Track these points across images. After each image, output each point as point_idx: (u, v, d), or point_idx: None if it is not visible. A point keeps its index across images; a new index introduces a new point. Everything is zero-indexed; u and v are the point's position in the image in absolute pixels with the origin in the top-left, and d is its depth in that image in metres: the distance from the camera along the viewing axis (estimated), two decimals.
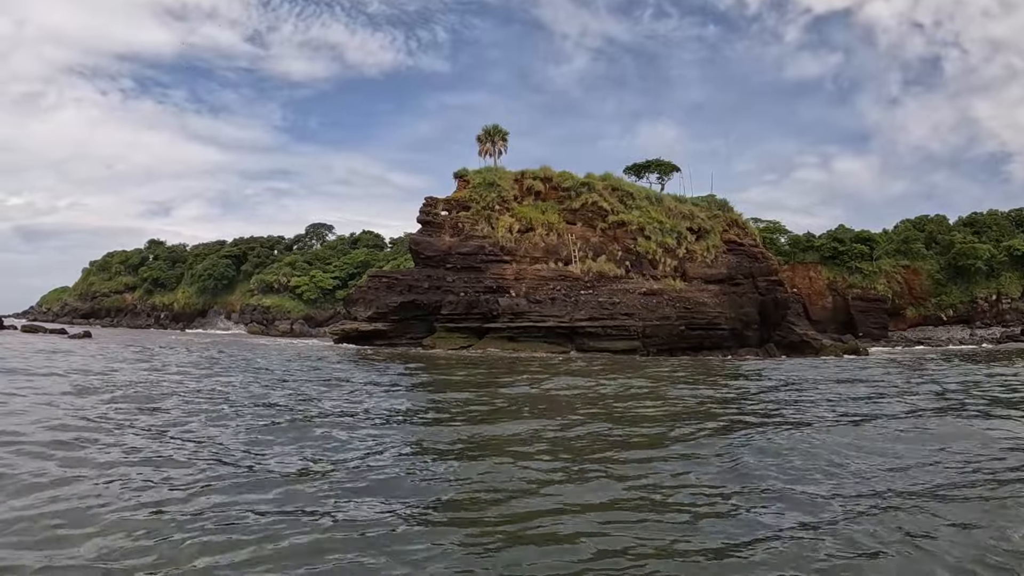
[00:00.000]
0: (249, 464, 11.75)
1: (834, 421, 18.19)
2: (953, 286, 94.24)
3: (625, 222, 63.99)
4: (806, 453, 13.46)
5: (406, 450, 13.63)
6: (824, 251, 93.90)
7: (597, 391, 24.61)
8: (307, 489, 10.20)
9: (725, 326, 62.66)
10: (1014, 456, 13.42)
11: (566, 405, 21.18)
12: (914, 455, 13.48)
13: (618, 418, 18.20)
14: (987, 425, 17.63)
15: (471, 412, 19.01)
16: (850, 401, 22.83)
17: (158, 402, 19.01)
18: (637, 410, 19.82)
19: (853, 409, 20.60)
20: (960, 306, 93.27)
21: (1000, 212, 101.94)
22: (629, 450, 13.80)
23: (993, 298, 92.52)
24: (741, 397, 24.41)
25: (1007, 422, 18.16)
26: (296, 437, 14.39)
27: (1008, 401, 22.86)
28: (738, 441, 14.88)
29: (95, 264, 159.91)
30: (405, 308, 57.98)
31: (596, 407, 20.22)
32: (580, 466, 12.08)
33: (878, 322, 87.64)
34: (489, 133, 70.59)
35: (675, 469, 11.96)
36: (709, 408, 20.86)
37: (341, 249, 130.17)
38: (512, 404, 20.87)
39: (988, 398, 23.71)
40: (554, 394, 24.20)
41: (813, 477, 11.49)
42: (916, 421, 18.20)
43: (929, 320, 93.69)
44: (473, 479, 11.16)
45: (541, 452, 13.35)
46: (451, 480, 11.16)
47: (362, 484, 10.62)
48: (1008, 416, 19.21)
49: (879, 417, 18.90)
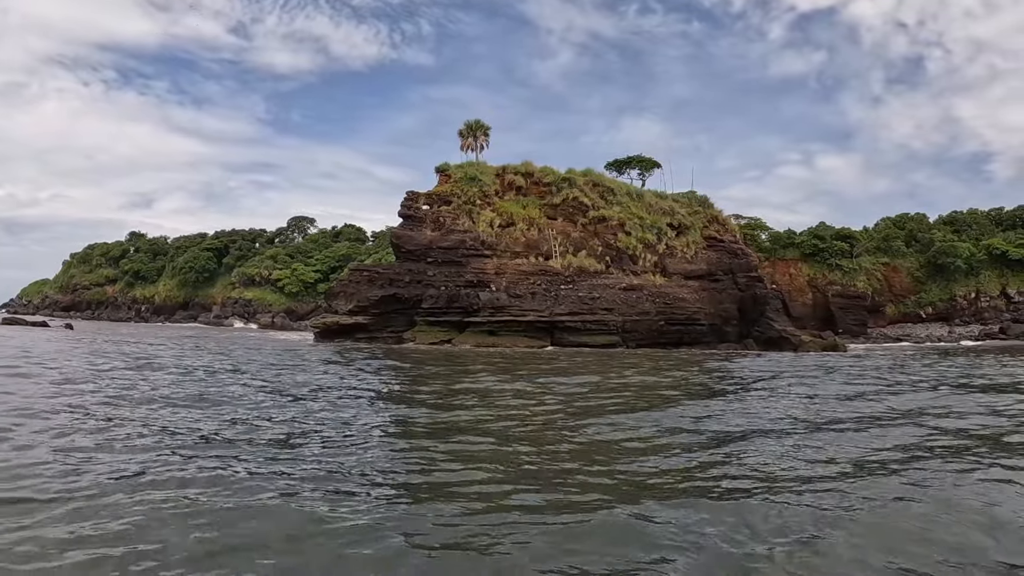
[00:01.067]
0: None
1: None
2: (933, 284, 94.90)
3: (606, 217, 64.20)
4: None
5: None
6: (805, 248, 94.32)
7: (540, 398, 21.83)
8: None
9: (704, 321, 62.94)
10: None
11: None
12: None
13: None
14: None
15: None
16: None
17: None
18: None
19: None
20: (940, 304, 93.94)
21: (980, 211, 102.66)
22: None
23: (972, 296, 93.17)
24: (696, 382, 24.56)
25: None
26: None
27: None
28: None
29: (76, 256, 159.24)
30: (386, 302, 57.92)
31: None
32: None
33: (858, 319, 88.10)
34: (471, 128, 70.58)
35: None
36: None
37: (323, 242, 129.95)
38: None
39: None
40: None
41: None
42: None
43: (909, 317, 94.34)
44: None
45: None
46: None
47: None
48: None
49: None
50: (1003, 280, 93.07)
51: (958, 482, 10.52)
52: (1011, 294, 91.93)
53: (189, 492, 9.05)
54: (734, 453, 12.57)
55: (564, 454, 12.41)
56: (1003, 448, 13.53)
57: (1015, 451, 13.16)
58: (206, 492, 9.12)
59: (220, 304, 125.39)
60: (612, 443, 13.49)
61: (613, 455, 12.35)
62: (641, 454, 12.41)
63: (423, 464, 11.33)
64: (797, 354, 53.54)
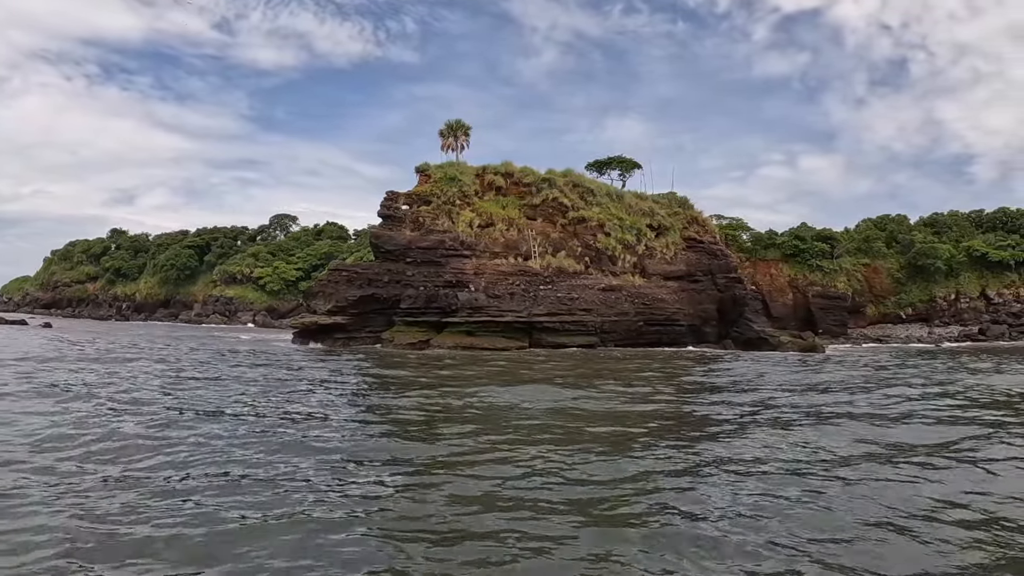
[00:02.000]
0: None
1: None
2: (913, 285, 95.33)
3: (586, 218, 64.23)
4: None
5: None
6: (786, 248, 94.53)
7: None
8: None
9: (683, 322, 63.11)
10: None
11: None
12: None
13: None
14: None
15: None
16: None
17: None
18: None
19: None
20: (919, 304, 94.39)
21: (960, 213, 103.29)
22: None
23: (952, 297, 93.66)
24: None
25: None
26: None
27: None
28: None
29: (57, 253, 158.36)
30: (365, 302, 57.72)
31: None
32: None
33: (838, 319, 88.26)
34: (451, 128, 70.39)
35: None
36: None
37: (305, 240, 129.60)
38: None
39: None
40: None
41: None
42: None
43: (889, 318, 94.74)
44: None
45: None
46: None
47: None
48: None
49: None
50: (983, 282, 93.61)
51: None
52: (990, 295, 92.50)
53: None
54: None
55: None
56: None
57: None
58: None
59: (201, 302, 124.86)
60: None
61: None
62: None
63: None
64: (777, 353, 53.93)
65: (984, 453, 14.87)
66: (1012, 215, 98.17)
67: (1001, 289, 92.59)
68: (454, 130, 70.28)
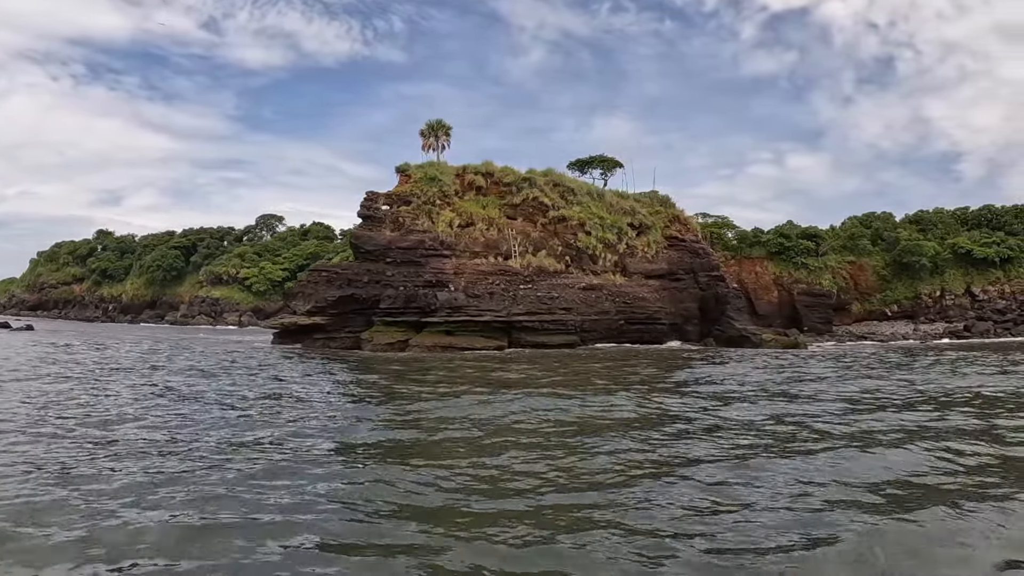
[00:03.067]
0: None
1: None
2: (898, 282, 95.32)
3: (566, 217, 64.06)
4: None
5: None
6: (771, 246, 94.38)
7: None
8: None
9: (665, 320, 63.09)
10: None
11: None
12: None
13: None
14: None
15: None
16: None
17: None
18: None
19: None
20: (905, 302, 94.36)
21: (946, 210, 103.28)
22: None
23: (937, 294, 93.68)
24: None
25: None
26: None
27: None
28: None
29: (43, 255, 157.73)
30: (344, 302, 57.48)
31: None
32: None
33: (823, 317, 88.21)
34: (432, 127, 70.07)
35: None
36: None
37: (291, 240, 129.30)
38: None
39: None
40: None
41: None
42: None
43: (874, 315, 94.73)
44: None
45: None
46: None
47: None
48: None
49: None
50: (968, 279, 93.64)
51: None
52: (975, 292, 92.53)
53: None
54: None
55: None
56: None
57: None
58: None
59: (187, 303, 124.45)
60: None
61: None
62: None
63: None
64: (757, 350, 54.04)
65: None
66: (997, 212, 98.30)
67: (986, 286, 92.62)
68: (435, 130, 70.01)
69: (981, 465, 14.12)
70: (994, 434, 17.79)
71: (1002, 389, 27.64)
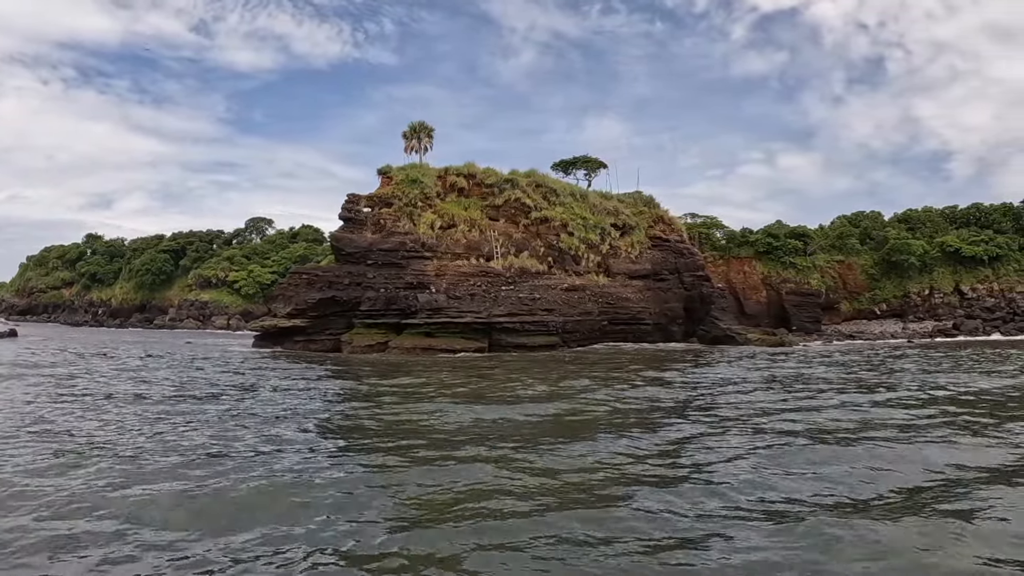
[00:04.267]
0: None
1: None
2: (887, 281, 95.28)
3: (548, 218, 63.74)
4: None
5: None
6: (759, 246, 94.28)
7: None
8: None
9: (649, 321, 62.87)
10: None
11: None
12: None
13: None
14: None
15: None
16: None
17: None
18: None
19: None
20: (894, 300, 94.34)
21: (935, 209, 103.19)
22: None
23: (926, 293, 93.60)
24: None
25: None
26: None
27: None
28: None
29: (32, 259, 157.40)
30: (324, 304, 57.18)
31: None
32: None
33: (811, 316, 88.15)
34: (415, 129, 69.69)
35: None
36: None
37: (280, 243, 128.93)
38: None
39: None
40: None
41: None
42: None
43: (863, 314, 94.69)
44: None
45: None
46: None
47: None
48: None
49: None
50: (956, 277, 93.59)
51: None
52: (964, 290, 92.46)
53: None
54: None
55: None
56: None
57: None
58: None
59: (176, 306, 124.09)
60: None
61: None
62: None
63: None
64: (740, 349, 53.88)
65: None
66: (985, 211, 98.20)
67: (975, 284, 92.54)
68: (417, 132, 69.67)
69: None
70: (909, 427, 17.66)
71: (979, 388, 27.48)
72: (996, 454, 15.17)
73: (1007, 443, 16.41)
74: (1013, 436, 17.22)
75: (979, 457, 14.77)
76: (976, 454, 15.11)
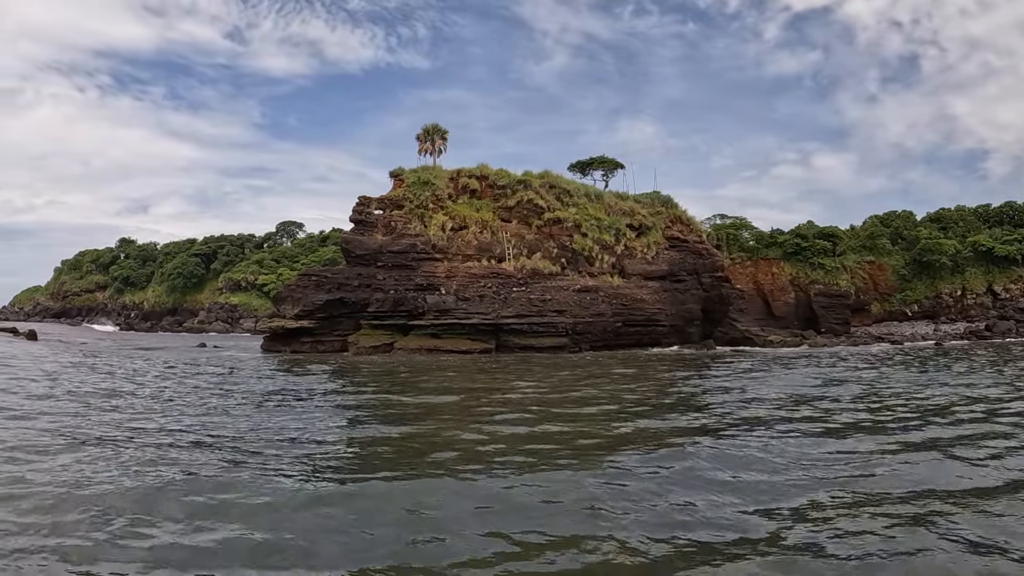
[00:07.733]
0: None
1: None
2: (918, 281, 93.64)
3: (561, 219, 63.00)
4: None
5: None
6: (787, 247, 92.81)
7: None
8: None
9: (665, 322, 61.95)
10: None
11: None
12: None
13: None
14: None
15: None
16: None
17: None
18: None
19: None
20: (925, 301, 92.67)
21: (967, 208, 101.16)
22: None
23: (958, 293, 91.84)
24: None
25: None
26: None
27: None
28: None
29: (67, 263, 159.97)
30: (332, 306, 57.00)
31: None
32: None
33: (840, 317, 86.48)
34: (428, 132, 69.35)
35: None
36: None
37: (309, 247, 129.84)
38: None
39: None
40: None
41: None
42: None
43: (894, 315, 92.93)
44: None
45: None
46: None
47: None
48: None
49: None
50: (989, 277, 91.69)
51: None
52: (997, 291, 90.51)
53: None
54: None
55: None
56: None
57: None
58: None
59: (205, 309, 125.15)
60: None
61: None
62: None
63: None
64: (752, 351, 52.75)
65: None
66: (1019, 209, 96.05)
67: (1008, 284, 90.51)
68: (431, 134, 69.38)
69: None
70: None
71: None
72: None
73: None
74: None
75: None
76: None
